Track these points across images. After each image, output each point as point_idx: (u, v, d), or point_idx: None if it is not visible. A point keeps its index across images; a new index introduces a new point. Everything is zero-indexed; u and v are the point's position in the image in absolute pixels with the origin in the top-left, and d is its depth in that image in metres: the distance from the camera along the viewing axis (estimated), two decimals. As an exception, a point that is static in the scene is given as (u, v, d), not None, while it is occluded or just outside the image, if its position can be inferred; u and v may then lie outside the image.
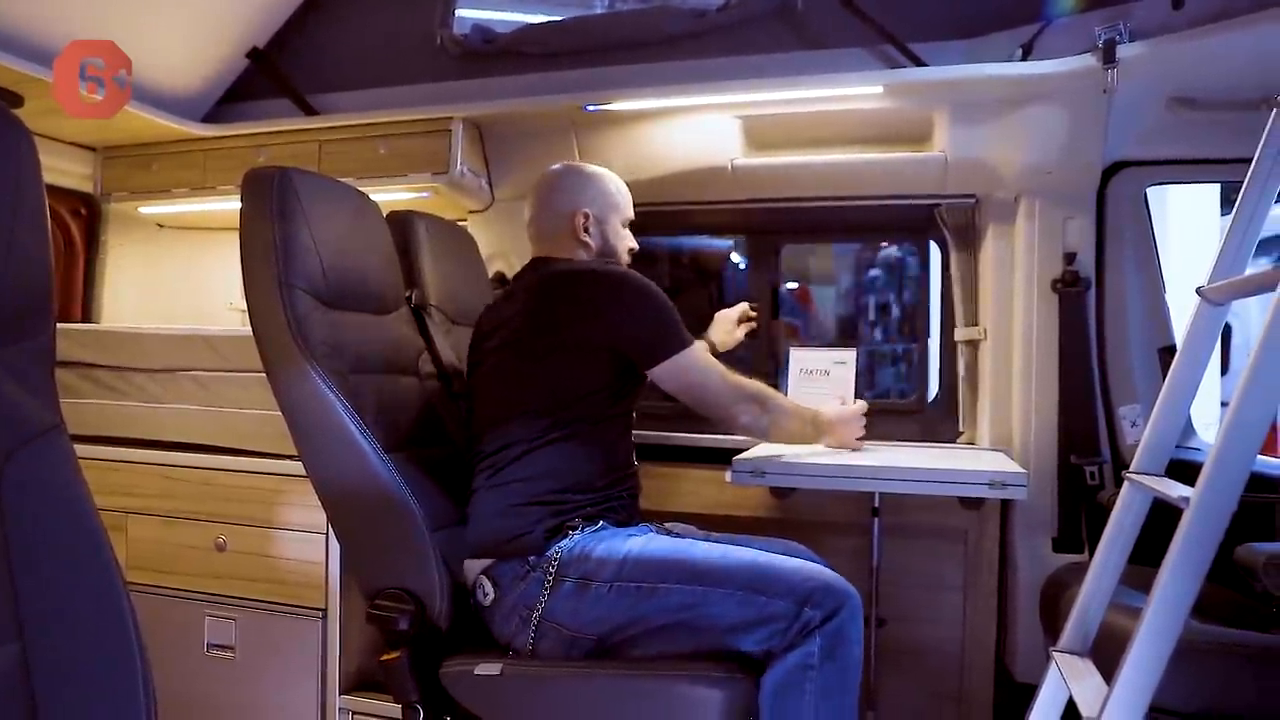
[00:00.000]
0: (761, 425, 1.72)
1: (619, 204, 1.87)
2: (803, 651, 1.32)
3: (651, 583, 1.43)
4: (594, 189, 1.85)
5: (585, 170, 1.89)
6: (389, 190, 2.37)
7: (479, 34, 2.52)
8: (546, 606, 1.46)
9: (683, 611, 1.39)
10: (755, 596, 1.36)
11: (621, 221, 1.87)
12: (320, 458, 1.55)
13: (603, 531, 1.55)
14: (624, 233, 1.87)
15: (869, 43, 2.17)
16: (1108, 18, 1.92)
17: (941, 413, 2.48)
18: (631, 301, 1.65)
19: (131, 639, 0.71)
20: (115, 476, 2.07)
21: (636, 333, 1.64)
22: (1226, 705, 1.34)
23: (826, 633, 1.33)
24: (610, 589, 1.44)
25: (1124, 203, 2.17)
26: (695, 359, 1.67)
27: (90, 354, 2.19)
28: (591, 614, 1.44)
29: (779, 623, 1.34)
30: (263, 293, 1.53)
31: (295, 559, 1.91)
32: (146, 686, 0.71)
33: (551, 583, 1.47)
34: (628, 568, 1.45)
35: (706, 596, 1.38)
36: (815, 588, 1.36)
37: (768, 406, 1.72)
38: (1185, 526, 1.04)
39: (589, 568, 1.47)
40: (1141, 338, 2.18)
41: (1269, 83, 1.25)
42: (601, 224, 1.83)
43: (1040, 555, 2.14)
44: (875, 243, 3.45)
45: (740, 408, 1.69)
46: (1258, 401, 1.01)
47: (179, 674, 1.97)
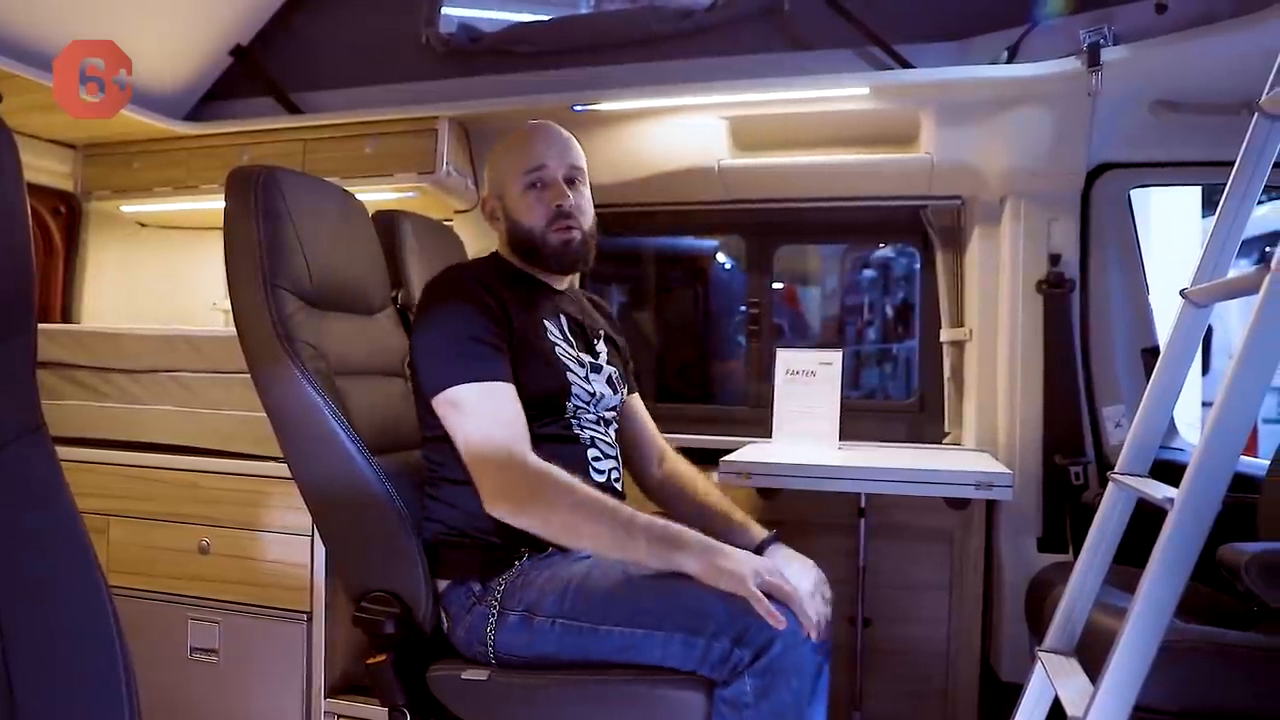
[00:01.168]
0: (528, 520, 1.34)
1: (512, 161, 1.53)
2: (735, 689, 1.24)
3: (593, 623, 1.32)
4: (491, 160, 1.60)
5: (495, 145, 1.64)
6: (374, 190, 2.36)
7: (465, 33, 2.52)
8: (497, 640, 1.38)
9: (626, 652, 1.31)
10: (694, 639, 1.26)
11: (521, 182, 1.51)
12: (305, 460, 1.53)
13: (552, 557, 1.42)
14: (526, 198, 1.50)
15: (855, 44, 2.17)
16: (1092, 21, 1.93)
17: (927, 413, 2.50)
18: (423, 317, 1.46)
19: (115, 642, 0.70)
20: (96, 478, 2.05)
21: (419, 356, 1.46)
22: (1210, 704, 1.35)
23: (756, 671, 1.22)
24: (553, 624, 1.34)
25: (1108, 205, 2.19)
26: (465, 399, 1.37)
27: (70, 354, 2.17)
28: (541, 649, 1.36)
29: (716, 655, 1.25)
30: (247, 293, 1.51)
31: (279, 561, 1.89)
32: (130, 689, 0.70)
33: (496, 615, 1.38)
34: (568, 602, 1.34)
35: (648, 639, 1.29)
36: (748, 625, 1.24)
37: (542, 497, 1.33)
38: (1169, 527, 1.05)
39: (531, 598, 1.36)
40: (1125, 339, 2.20)
41: (1250, 87, 1.26)
42: (502, 199, 1.55)
43: (1025, 555, 2.15)
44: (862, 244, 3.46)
45: (493, 482, 1.35)
46: (1240, 403, 1.02)
47: (162, 678, 1.95)
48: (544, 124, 1.57)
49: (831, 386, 2.21)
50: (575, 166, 1.54)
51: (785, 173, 2.33)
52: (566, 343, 1.54)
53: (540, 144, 1.52)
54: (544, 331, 1.51)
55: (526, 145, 1.53)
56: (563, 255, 1.52)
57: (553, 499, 1.33)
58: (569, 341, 1.55)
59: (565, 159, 1.53)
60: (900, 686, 2.26)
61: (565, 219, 1.50)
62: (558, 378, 1.49)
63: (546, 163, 1.51)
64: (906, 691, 2.26)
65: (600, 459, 1.54)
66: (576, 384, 1.51)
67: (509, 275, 1.56)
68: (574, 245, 1.52)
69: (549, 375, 1.48)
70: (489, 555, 1.43)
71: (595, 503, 1.33)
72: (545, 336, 1.51)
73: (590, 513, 1.32)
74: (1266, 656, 1.38)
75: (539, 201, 1.50)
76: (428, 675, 1.45)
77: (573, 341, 1.56)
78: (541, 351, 1.48)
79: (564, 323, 1.57)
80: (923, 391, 2.53)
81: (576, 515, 1.32)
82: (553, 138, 1.54)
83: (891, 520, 2.18)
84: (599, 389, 1.56)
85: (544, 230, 1.51)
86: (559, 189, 1.50)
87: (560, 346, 1.52)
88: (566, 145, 1.54)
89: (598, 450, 1.54)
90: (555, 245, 1.51)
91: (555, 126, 1.57)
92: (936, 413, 2.45)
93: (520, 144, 1.54)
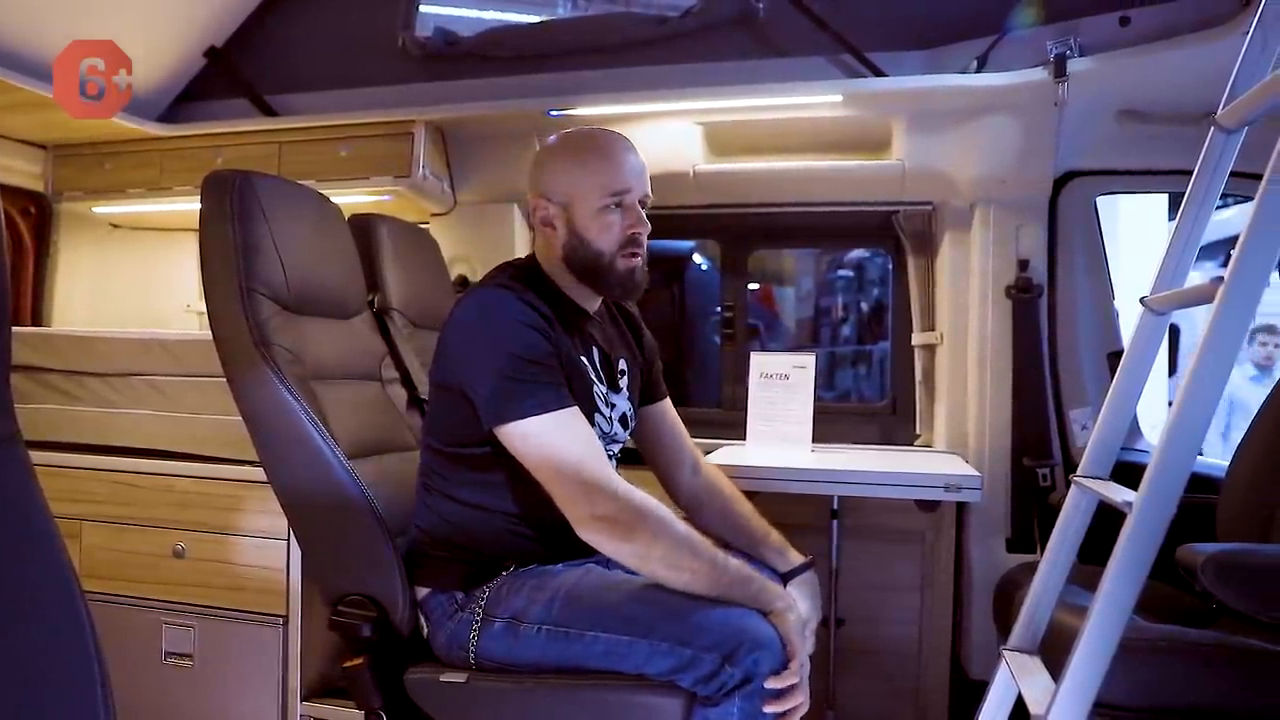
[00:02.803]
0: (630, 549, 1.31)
1: (594, 176, 1.43)
2: (722, 710, 1.26)
3: (580, 629, 1.33)
4: (555, 163, 1.49)
5: (554, 143, 1.53)
6: (350, 193, 2.36)
7: (441, 36, 2.52)
8: (479, 647, 1.39)
9: (611, 659, 1.32)
10: (682, 649, 1.27)
11: (603, 201, 1.43)
12: (282, 464, 1.53)
13: (534, 568, 1.44)
14: (604, 218, 1.43)
15: (829, 52, 2.20)
16: (1059, 33, 1.97)
17: (899, 416, 2.53)
18: (473, 335, 1.39)
19: (89, 647, 0.70)
20: (67, 482, 2.03)
21: (472, 377, 1.37)
22: (1168, 700, 1.39)
23: (746, 694, 1.25)
24: (539, 631, 1.35)
25: (1075, 211, 2.23)
26: (542, 430, 1.33)
27: (41, 358, 2.14)
28: (526, 655, 1.37)
29: (703, 669, 1.27)
30: (223, 297, 1.51)
31: (255, 565, 1.89)
32: (105, 695, 0.70)
33: (480, 623, 1.39)
34: (556, 609, 1.35)
35: (633, 647, 1.31)
36: (739, 645, 1.26)
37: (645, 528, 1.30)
38: (1128, 529, 1.08)
39: (518, 606, 1.38)
40: (1091, 343, 2.24)
41: (1210, 98, 1.29)
42: (568, 209, 1.45)
43: (994, 556, 2.19)
44: (835, 249, 3.50)
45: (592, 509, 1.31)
46: (1196, 410, 1.05)
47: (136, 683, 1.94)
48: (623, 139, 1.49)
49: (805, 389, 2.24)
50: (648, 194, 1.49)
51: (760, 178, 2.36)
52: (599, 379, 1.51)
53: (628, 164, 1.45)
54: (584, 369, 1.47)
55: (613, 162, 1.44)
56: (628, 282, 1.48)
57: (656, 532, 1.31)
58: (599, 378, 1.51)
59: (644, 184, 1.48)
60: (873, 685, 2.29)
61: (637, 247, 1.46)
62: (589, 418, 1.45)
63: (632, 186, 1.45)
64: (879, 690, 2.30)
65: None
66: (600, 425, 1.49)
67: (548, 293, 1.47)
68: (637, 274, 1.48)
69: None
70: (474, 566, 1.44)
71: (693, 540, 1.33)
72: (585, 374, 1.47)
73: (691, 550, 1.32)
74: (1222, 654, 1.42)
75: (616, 225, 1.44)
76: (405, 678, 1.46)
77: (602, 377, 1.52)
78: (581, 390, 1.44)
79: (596, 357, 1.53)
80: (895, 394, 2.57)
81: (678, 552, 1.31)
82: (635, 159, 1.47)
83: (864, 522, 2.21)
84: (615, 430, 1.56)
85: (614, 254, 1.45)
86: (638, 215, 1.46)
87: (596, 386, 1.49)
88: (644, 170, 1.49)
89: None
90: (622, 272, 1.46)
91: (632, 144, 1.50)
92: (908, 415, 2.48)
93: (604, 158, 1.45)
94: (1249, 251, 1.02)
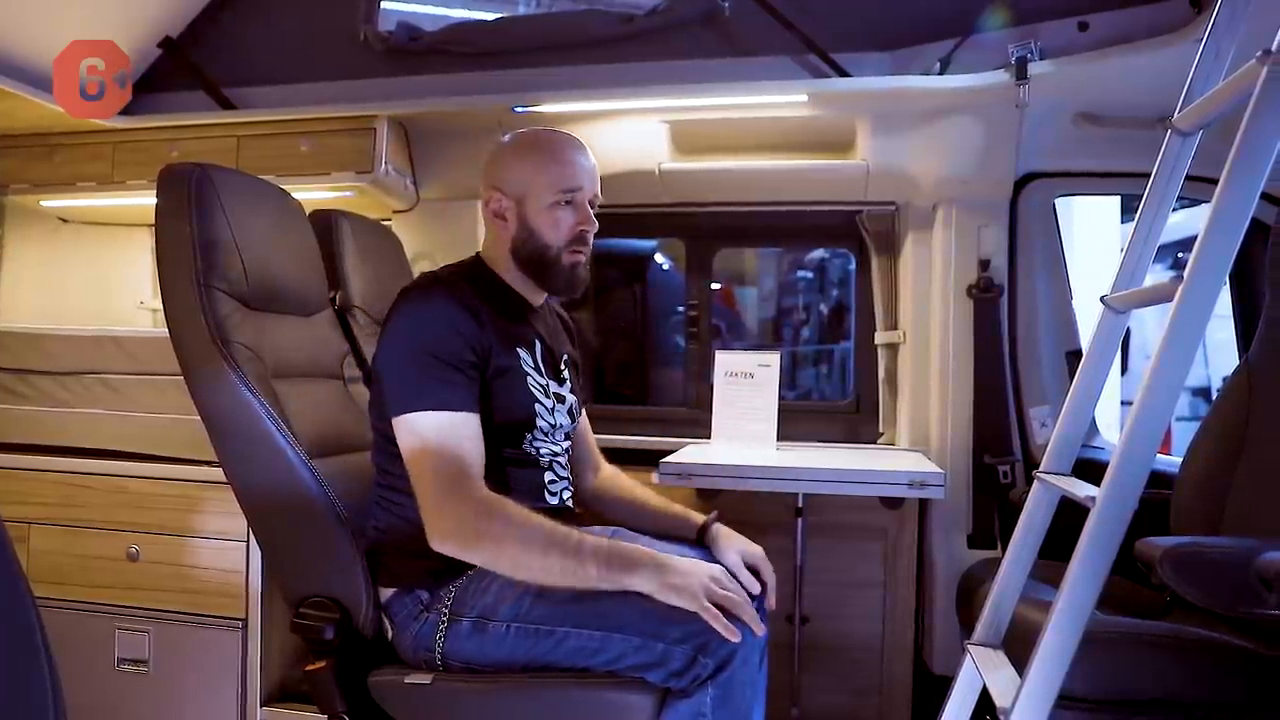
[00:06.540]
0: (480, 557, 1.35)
1: (547, 173, 1.48)
2: (696, 701, 1.27)
3: (550, 625, 1.34)
4: (511, 158, 1.52)
5: (511, 140, 1.57)
6: (311, 189, 2.31)
7: (404, 31, 2.48)
8: (446, 647, 1.38)
9: (580, 656, 1.33)
10: (654, 643, 1.29)
11: (555, 197, 1.48)
12: (242, 464, 1.50)
13: None
14: (554, 214, 1.48)
15: (795, 52, 2.21)
16: (1020, 36, 2.00)
17: (863, 414, 2.55)
18: (394, 326, 1.43)
19: (40, 652, 0.68)
20: (15, 484, 1.97)
21: (384, 368, 1.42)
22: (1129, 690, 1.42)
23: (719, 683, 1.27)
24: (509, 629, 1.35)
25: (1035, 212, 2.27)
26: (424, 426, 1.35)
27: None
28: (494, 654, 1.36)
29: (675, 664, 1.28)
30: (181, 294, 1.48)
31: (213, 568, 1.85)
32: (57, 701, 0.68)
33: (446, 623, 1.39)
34: (527, 605, 1.35)
35: (606, 641, 1.31)
36: (711, 636, 1.27)
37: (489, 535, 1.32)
38: (1091, 524, 1.09)
39: (486, 603, 1.37)
40: (1050, 342, 2.28)
41: (1165, 103, 1.32)
42: (521, 204, 1.50)
43: (956, 552, 2.22)
44: (800, 248, 3.52)
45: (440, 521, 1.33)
46: (1156, 406, 1.07)
47: (88, 690, 1.88)
48: (575, 139, 1.55)
49: (770, 388, 2.25)
50: (598, 195, 1.54)
51: (725, 177, 2.36)
52: (538, 372, 1.53)
53: (580, 164, 1.51)
54: (519, 361, 1.50)
55: (566, 160, 1.50)
56: (571, 277, 1.52)
57: (499, 535, 1.32)
58: (539, 370, 1.54)
59: (595, 185, 1.53)
60: (837, 682, 2.31)
61: (583, 245, 1.51)
62: (526, 409, 1.50)
63: (584, 185, 1.50)
64: (843, 687, 2.31)
65: (555, 480, 1.57)
66: (542, 416, 1.52)
67: (491, 286, 1.53)
68: (580, 270, 1.53)
69: (518, 407, 1.49)
70: (438, 564, 1.41)
71: (542, 534, 1.33)
72: (520, 366, 1.50)
73: (538, 546, 1.32)
74: (1179, 645, 1.46)
75: (565, 221, 1.49)
76: (369, 681, 1.44)
77: (543, 370, 1.55)
78: (514, 383, 1.48)
79: (538, 350, 1.55)
80: (858, 392, 2.59)
81: (524, 550, 1.32)
82: (588, 160, 1.53)
83: (828, 519, 2.23)
84: (560, 420, 1.57)
85: (561, 249, 1.50)
86: (587, 214, 1.51)
87: (532, 377, 1.52)
88: (596, 171, 1.54)
89: (554, 473, 1.57)
90: (566, 267, 1.51)
91: (585, 146, 1.55)
92: (872, 413, 2.51)
93: (558, 157, 1.50)
94: (1206, 251, 1.04)
